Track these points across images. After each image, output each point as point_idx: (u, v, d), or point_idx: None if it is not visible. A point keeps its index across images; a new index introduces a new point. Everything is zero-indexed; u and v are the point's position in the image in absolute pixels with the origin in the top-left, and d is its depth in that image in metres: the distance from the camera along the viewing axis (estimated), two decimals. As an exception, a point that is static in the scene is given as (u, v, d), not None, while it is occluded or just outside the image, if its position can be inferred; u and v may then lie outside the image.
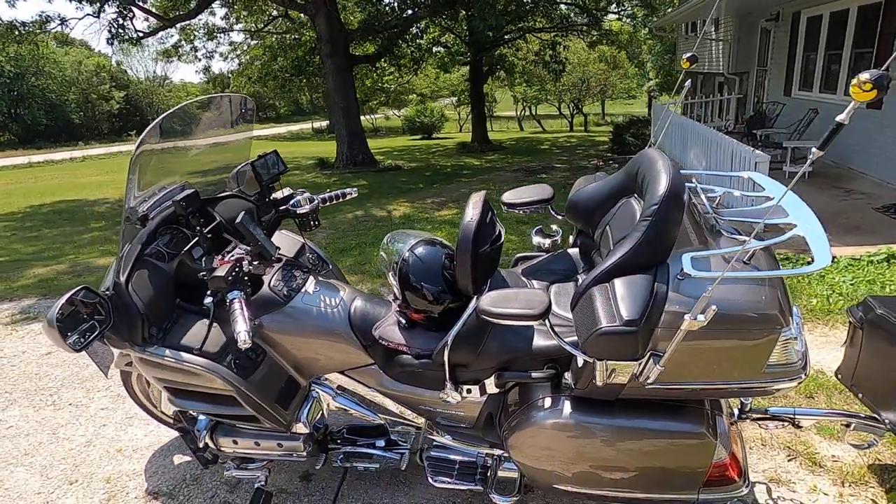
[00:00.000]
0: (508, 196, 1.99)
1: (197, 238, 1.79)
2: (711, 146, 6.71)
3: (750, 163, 5.40)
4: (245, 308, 1.51)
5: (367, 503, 2.06)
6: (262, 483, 1.91)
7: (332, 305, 1.80)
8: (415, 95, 29.27)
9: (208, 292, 1.64)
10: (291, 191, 2.15)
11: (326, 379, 1.88)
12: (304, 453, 1.86)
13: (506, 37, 17.41)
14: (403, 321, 1.72)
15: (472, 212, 1.54)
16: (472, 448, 1.79)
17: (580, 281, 1.74)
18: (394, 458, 1.90)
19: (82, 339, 1.49)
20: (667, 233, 1.28)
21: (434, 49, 20.47)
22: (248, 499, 2.12)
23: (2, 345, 3.73)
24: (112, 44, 12.33)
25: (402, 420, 1.88)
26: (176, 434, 2.55)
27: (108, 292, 1.60)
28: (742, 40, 11.27)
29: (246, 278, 1.64)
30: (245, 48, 18.58)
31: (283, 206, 2.08)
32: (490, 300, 1.36)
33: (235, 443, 1.88)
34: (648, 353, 1.22)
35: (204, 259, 1.83)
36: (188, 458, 2.41)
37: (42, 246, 7.47)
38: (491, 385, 1.61)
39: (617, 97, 33.42)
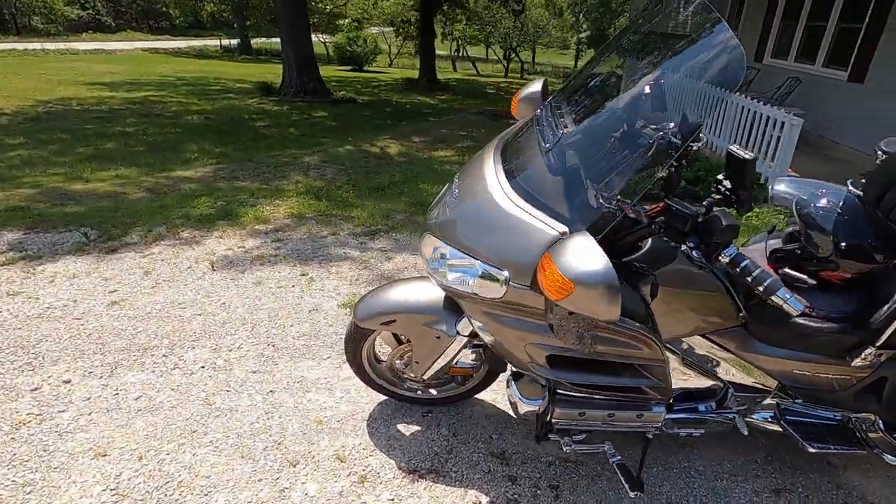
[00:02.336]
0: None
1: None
2: (717, 108, 6.99)
3: (779, 125, 5.72)
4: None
5: (667, 468, 1.95)
6: (619, 457, 1.70)
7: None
8: (348, 20, 26.81)
9: (691, 244, 1.32)
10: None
11: (679, 342, 1.67)
12: (660, 424, 1.67)
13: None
14: (810, 280, 1.56)
15: None
16: (830, 411, 1.74)
17: None
18: (726, 422, 1.79)
19: None
20: None
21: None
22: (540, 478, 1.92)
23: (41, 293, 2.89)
24: None
25: (747, 384, 1.76)
26: (380, 400, 2.21)
27: None
28: (710, 2, 11.67)
29: None
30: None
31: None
32: None
33: (581, 414, 1.63)
34: None
35: None
36: (417, 427, 2.09)
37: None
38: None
39: (552, 45, 33.51)
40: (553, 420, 1.65)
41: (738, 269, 1.26)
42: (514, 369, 1.79)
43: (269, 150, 7.59)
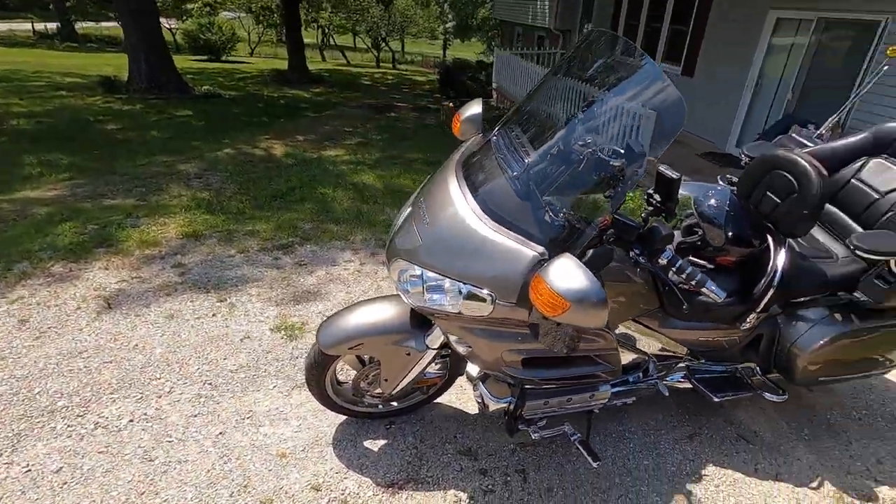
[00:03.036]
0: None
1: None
2: (575, 97, 7.81)
3: (636, 116, 6.56)
4: None
5: (606, 435, 2.26)
6: (578, 435, 1.92)
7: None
8: (198, 4, 24.32)
9: (636, 251, 1.52)
10: None
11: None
12: (607, 398, 1.94)
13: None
14: (709, 265, 1.92)
15: (813, 168, 1.80)
16: (723, 365, 2.16)
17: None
18: (651, 387, 2.13)
19: None
20: None
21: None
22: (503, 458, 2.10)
23: None
24: None
25: (665, 353, 2.10)
26: (339, 421, 2.22)
27: None
28: None
29: None
30: None
31: None
32: (870, 240, 1.71)
33: (546, 403, 1.82)
34: None
35: None
36: (384, 441, 2.14)
37: None
38: (776, 311, 1.98)
39: (420, 36, 33.86)
40: (523, 413, 1.83)
41: (674, 268, 1.53)
42: (475, 373, 1.94)
43: (132, 158, 6.73)
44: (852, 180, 2.15)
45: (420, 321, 1.81)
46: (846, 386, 2.64)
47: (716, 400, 2.08)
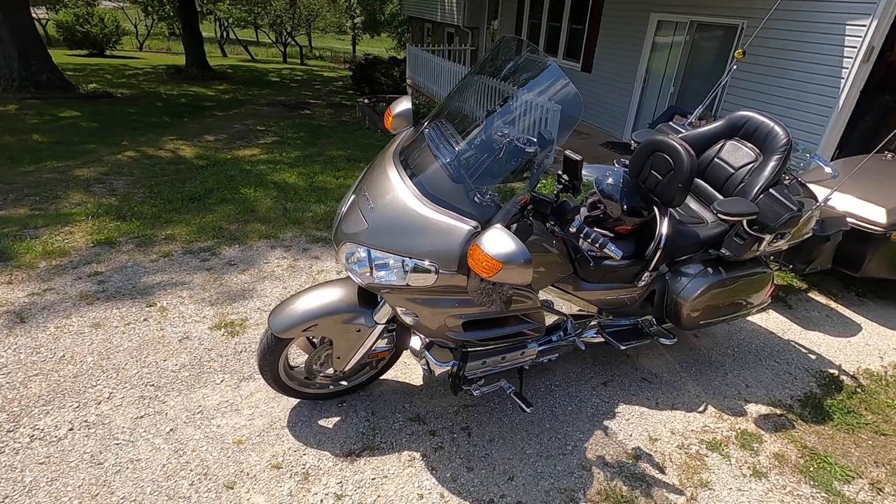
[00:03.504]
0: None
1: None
2: (493, 93, 8.24)
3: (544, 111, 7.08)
4: None
5: (533, 388, 2.56)
6: (512, 388, 2.17)
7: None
8: (73, -7, 21.92)
9: (551, 222, 1.78)
10: None
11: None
12: (535, 355, 2.22)
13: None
14: (610, 234, 2.26)
15: (684, 148, 2.19)
16: (627, 320, 2.54)
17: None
18: (570, 344, 2.45)
19: None
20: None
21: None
22: (436, 422, 2.32)
23: None
24: None
25: (580, 313, 2.44)
26: (292, 405, 2.33)
27: None
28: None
29: None
30: None
31: None
32: (727, 206, 2.12)
33: (484, 363, 2.06)
34: None
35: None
36: (337, 418, 2.28)
37: None
38: (664, 269, 2.39)
39: (328, 30, 33.00)
40: (465, 374, 2.06)
41: (581, 235, 1.83)
42: (419, 343, 2.15)
43: (15, 165, 6.09)
44: (715, 159, 2.63)
45: (367, 300, 1.98)
46: (722, 329, 3.18)
47: (622, 348, 2.45)
